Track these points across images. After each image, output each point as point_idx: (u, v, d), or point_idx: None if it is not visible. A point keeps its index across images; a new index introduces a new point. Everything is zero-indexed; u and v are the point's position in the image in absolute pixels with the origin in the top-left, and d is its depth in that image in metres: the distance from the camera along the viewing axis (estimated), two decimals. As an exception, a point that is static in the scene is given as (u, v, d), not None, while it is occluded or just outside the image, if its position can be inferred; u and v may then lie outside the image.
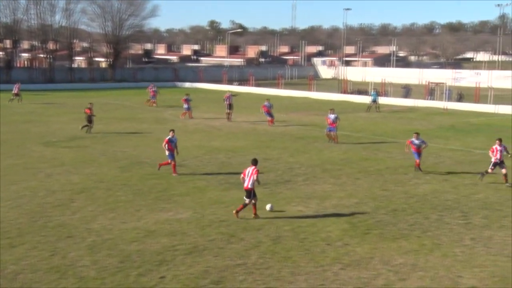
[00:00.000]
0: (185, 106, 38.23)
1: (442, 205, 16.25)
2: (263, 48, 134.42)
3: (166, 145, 20.42)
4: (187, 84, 71.89)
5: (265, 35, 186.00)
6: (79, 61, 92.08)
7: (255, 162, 15.34)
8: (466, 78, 76.43)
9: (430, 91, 53.01)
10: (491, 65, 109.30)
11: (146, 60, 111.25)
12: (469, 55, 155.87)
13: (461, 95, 50.51)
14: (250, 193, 14.87)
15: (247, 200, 14.94)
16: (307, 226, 14.34)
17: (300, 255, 12.35)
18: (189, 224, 14.55)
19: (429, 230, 14.00)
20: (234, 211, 15.05)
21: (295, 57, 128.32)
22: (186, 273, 11.35)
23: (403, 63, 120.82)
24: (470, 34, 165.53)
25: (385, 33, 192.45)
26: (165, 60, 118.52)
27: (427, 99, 50.66)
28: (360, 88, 60.35)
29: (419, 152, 20.82)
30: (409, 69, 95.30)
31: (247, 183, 14.95)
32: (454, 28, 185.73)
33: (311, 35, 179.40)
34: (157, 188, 18.30)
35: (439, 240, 13.31)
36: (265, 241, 13.21)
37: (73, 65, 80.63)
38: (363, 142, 28.25)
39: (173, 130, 21.18)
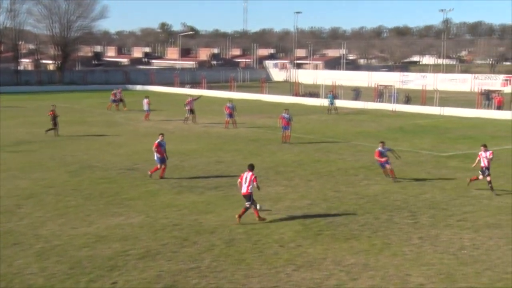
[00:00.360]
0: (145, 108, 39.16)
1: (391, 205, 16.61)
2: (215, 50, 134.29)
3: (155, 149, 20.00)
4: (138, 87, 70.98)
5: (217, 37, 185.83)
6: (26, 63, 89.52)
7: (251, 168, 15.37)
8: (413, 81, 78.45)
9: (379, 94, 54.14)
10: (436, 68, 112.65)
11: (96, 62, 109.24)
12: (415, 58, 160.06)
13: (409, 97, 51.78)
14: (250, 198, 14.94)
15: (247, 204, 14.93)
16: (260, 228, 14.39)
17: (254, 257, 12.38)
18: (141, 228, 14.36)
19: (379, 230, 14.28)
20: (236, 216, 14.77)
21: (247, 60, 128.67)
22: (138, 278, 11.19)
23: (353, 66, 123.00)
24: (416, 38, 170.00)
25: (335, 37, 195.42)
26: (116, 63, 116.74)
27: (377, 101, 51.68)
28: (311, 91, 61.05)
29: (382, 162, 19.91)
30: (359, 72, 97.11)
31: (246, 189, 14.94)
32: (401, 32, 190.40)
33: (263, 38, 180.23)
34: (108, 192, 17.99)
35: (389, 239, 13.59)
36: (219, 244, 13.18)
37: (19, 68, 78.28)
38: (315, 144, 28.56)
39: (162, 134, 20.75)
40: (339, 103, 51.55)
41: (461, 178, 20.26)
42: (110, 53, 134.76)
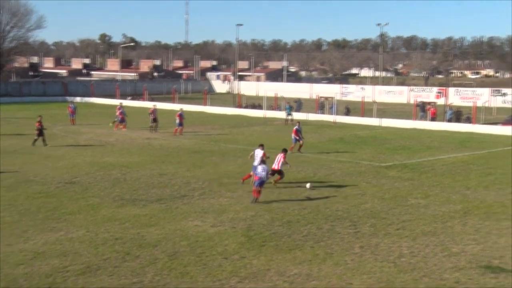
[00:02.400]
0: (119, 117, 39.16)
1: (333, 215, 16.86)
2: (157, 62, 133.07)
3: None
4: (78, 99, 69.31)
5: (158, 49, 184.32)
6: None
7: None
8: (352, 92, 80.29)
9: (320, 105, 55.07)
10: (374, 81, 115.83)
11: (33, 73, 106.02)
12: (354, 70, 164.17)
13: (348, 109, 52.90)
14: (280, 172, 19.71)
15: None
16: (204, 241, 14.29)
17: (198, 270, 12.27)
18: (82, 243, 13.97)
19: (322, 240, 14.47)
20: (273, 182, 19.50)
21: (189, 72, 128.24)
22: (79, 295, 10.85)
23: (294, 77, 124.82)
24: (355, 51, 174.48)
25: (276, 49, 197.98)
26: (54, 74, 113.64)
27: (318, 113, 52.53)
28: (254, 102, 61.43)
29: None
30: (300, 83, 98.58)
31: (277, 166, 20.17)
32: (340, 45, 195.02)
33: (205, 49, 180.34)
34: (46, 207, 17.41)
35: (331, 249, 13.79)
36: (162, 258, 12.99)
37: (-51, 78, 74.98)
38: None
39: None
40: (281, 114, 52.11)
41: (400, 187, 20.84)
42: (48, 64, 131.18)
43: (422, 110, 49.04)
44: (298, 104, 55.22)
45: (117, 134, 36.61)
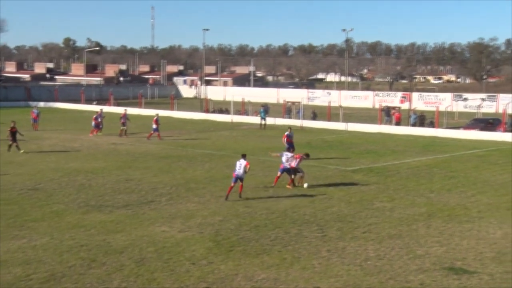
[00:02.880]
0: (93, 123, 38.91)
1: (301, 220, 16.94)
2: (123, 67, 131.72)
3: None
4: (42, 104, 67.99)
5: (124, 54, 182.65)
6: None
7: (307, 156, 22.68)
8: (319, 97, 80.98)
9: (287, 110, 55.33)
10: (340, 86, 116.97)
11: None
12: (320, 75, 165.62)
13: (315, 113, 53.28)
14: (296, 170, 21.24)
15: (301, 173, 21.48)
16: (172, 246, 14.18)
17: (165, 276, 12.16)
18: (46, 251, 13.69)
19: (289, 244, 14.51)
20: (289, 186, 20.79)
21: (156, 76, 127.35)
22: (43, 304, 10.62)
23: (261, 82, 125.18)
24: (321, 56, 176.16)
25: (243, 54, 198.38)
26: (16, 79, 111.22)
27: (285, 118, 52.75)
28: (221, 107, 61.36)
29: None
30: (267, 88, 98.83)
31: (295, 164, 21.47)
32: (306, 50, 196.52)
33: (171, 54, 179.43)
34: (8, 214, 17.01)
35: (299, 253, 13.84)
36: (128, 264, 12.83)
37: None
38: (226, 160, 28.63)
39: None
40: (248, 119, 52.21)
41: (366, 191, 21.08)
42: (10, 69, 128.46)
43: (387, 114, 49.74)
44: (265, 109, 55.30)
45: (82, 140, 36.05)
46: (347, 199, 19.68)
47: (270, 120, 48.84)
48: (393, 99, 75.00)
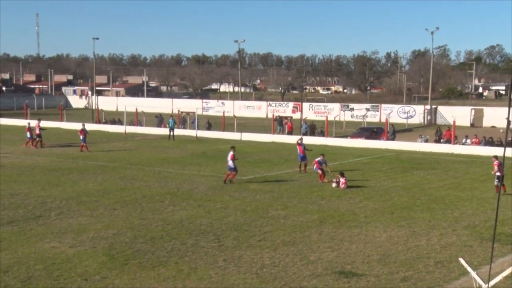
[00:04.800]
0: (29, 135, 37.61)
1: (197, 230, 16.87)
2: (5, 76, 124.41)
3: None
4: None
5: (7, 62, 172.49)
6: None
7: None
8: (213, 107, 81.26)
9: (182, 120, 54.99)
10: (234, 96, 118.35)
11: None
12: (214, 86, 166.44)
13: (210, 123, 53.41)
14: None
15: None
16: (62, 263, 13.53)
17: (56, 295, 11.56)
18: None
19: (186, 255, 14.39)
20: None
21: (42, 86, 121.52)
22: None
23: (155, 93, 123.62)
24: (214, 67, 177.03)
25: (135, 64, 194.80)
26: None
27: (180, 128, 52.37)
28: (114, 118, 59.75)
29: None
30: (161, 99, 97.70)
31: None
32: (200, 61, 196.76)
33: (59, 63, 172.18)
34: None
35: (196, 264, 13.76)
36: (14, 284, 12.07)
37: None
38: (120, 171, 27.89)
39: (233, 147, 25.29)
40: (142, 130, 51.30)
41: (261, 200, 21.42)
42: None
43: (280, 124, 50.99)
44: (159, 120, 54.63)
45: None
46: (243, 208, 19.88)
47: (164, 131, 48.31)
48: (285, 109, 76.97)
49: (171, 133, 45.37)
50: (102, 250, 14.67)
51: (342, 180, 23.81)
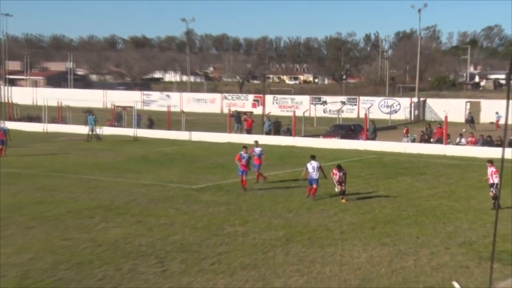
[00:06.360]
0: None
1: (135, 252, 16.65)
2: None
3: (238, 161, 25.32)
4: None
5: None
6: None
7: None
8: (156, 101, 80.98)
9: (117, 117, 54.44)
10: (181, 87, 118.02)
11: None
12: (157, 74, 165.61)
13: (152, 120, 53.07)
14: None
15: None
16: (-36, 297, 13.12)
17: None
18: None
19: (122, 284, 14.19)
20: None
21: None
22: None
23: (83, 82, 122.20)
24: (157, 51, 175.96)
25: (58, 47, 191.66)
26: None
27: (115, 126, 51.84)
28: (31, 114, 58.82)
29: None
30: (91, 90, 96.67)
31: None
32: (139, 44, 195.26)
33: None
34: None
35: (134, 294, 13.57)
36: None
37: None
38: (38, 180, 27.37)
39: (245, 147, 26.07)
40: (67, 128, 50.57)
41: (214, 213, 21.32)
42: None
43: (238, 121, 51.03)
44: (88, 116, 53.91)
45: None
46: (192, 224, 19.75)
47: (96, 129, 47.68)
48: (244, 102, 77.25)
49: (92, 132, 44.80)
50: (13, 280, 14.31)
51: (339, 174, 23.76)
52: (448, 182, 28.16)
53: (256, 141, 29.07)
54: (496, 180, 22.19)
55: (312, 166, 24.12)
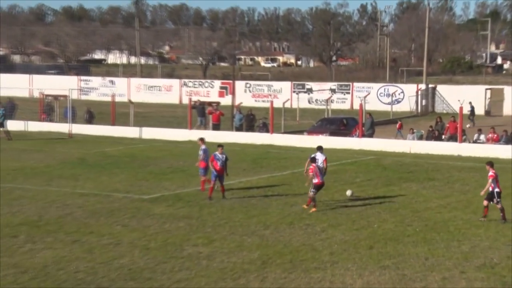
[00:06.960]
0: None
1: (71, 280, 16.55)
2: None
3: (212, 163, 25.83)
4: None
5: None
6: None
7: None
8: (97, 88, 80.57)
9: (47, 108, 53.95)
10: (129, 70, 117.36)
11: None
12: (99, 55, 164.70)
13: (91, 113, 52.70)
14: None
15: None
16: None
17: None
18: None
19: (54, 321, 14.11)
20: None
21: None
22: None
23: (3, 65, 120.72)
24: (98, 26, 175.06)
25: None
26: None
27: (44, 120, 51.40)
28: None
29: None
30: (13, 74, 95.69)
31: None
32: (75, 16, 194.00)
33: None
34: None
35: (70, 333, 13.51)
36: None
37: None
38: None
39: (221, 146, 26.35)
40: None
41: (172, 230, 21.26)
42: None
43: (201, 114, 50.85)
44: (9, 107, 53.32)
45: None
46: (144, 245, 19.69)
47: (19, 125, 47.31)
48: (209, 90, 77.29)
49: (1, 129, 44.40)
50: None
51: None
52: (463, 190, 28.37)
53: (202, 139, 28.46)
54: (496, 188, 22.53)
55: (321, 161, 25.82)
